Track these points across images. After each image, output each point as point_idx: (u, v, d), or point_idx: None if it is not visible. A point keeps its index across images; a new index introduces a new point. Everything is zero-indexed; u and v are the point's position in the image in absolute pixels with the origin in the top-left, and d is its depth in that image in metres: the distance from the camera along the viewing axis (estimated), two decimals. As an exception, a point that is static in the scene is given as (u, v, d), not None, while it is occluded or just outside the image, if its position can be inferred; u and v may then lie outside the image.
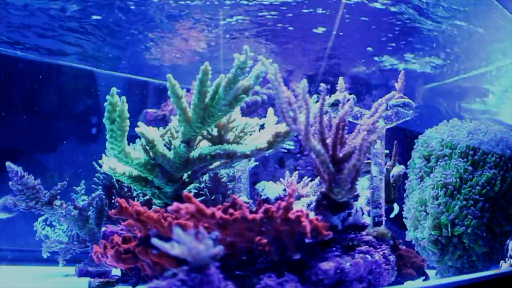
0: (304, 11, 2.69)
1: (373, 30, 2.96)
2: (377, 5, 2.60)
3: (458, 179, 1.85)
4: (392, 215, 1.69)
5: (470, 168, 1.87)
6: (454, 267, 1.88)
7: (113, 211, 1.11)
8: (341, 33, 2.95)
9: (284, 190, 1.58)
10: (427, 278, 1.48)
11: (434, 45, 3.16)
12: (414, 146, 2.14)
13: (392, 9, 2.65)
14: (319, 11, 2.67)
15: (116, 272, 1.75)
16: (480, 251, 1.81)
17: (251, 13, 2.73)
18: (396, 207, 1.76)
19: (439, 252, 1.87)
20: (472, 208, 1.79)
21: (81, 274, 1.86)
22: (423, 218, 1.92)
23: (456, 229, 1.80)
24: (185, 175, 1.41)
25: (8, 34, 2.94)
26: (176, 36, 3.05)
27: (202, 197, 1.83)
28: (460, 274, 1.87)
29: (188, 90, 2.31)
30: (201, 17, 2.78)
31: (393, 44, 3.14)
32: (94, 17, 2.72)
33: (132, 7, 2.65)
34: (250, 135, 1.45)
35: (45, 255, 2.03)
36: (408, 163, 2.14)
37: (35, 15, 2.70)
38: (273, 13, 2.71)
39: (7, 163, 1.77)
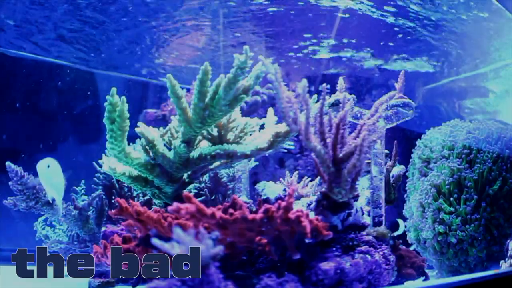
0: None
1: (373, 30, 2.96)
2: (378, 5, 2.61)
3: (451, 180, 1.84)
4: (397, 233, 1.63)
5: (464, 167, 1.86)
6: (454, 266, 1.88)
7: (113, 211, 1.11)
8: (340, 33, 2.95)
9: (284, 190, 1.58)
10: (427, 278, 1.48)
11: (434, 45, 3.16)
12: (416, 147, 2.13)
13: (392, 9, 2.65)
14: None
15: (116, 272, 1.75)
16: (475, 256, 1.80)
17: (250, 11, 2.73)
18: (401, 225, 1.69)
19: (438, 252, 1.87)
20: (465, 206, 1.78)
21: (81, 274, 1.85)
22: (422, 219, 1.91)
23: (452, 235, 1.79)
24: (185, 175, 1.41)
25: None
26: (176, 35, 3.05)
27: (202, 197, 1.83)
28: (459, 274, 1.87)
29: (188, 90, 2.31)
30: (201, 18, 2.78)
31: (393, 44, 3.14)
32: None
33: (131, 7, 2.65)
34: (250, 135, 1.45)
35: (45, 255, 2.03)
36: (409, 165, 2.13)
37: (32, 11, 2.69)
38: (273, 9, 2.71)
39: (7, 163, 1.77)
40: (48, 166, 1.51)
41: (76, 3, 2.55)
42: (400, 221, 1.57)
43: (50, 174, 1.52)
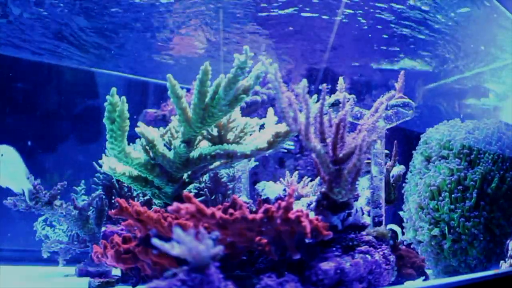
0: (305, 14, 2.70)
1: (373, 30, 2.95)
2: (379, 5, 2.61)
3: (450, 180, 1.84)
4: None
5: (463, 167, 1.86)
6: (453, 266, 1.88)
7: (113, 211, 1.11)
8: (340, 34, 2.95)
9: (284, 190, 1.57)
10: (427, 278, 1.48)
11: (434, 45, 3.16)
12: (417, 146, 2.13)
13: (393, 8, 2.65)
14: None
15: (116, 272, 1.75)
16: (475, 256, 1.80)
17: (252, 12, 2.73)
18: (398, 231, 1.69)
19: (434, 252, 1.87)
20: (463, 205, 1.78)
21: (81, 274, 1.86)
22: (421, 220, 1.91)
23: (448, 238, 1.79)
24: (185, 175, 1.41)
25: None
26: (176, 35, 3.05)
27: (202, 197, 1.83)
28: (458, 274, 1.87)
29: (188, 90, 2.31)
30: (201, 17, 2.78)
31: (393, 43, 3.14)
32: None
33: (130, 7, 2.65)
34: (250, 135, 1.45)
35: (45, 255, 2.03)
36: (410, 163, 2.13)
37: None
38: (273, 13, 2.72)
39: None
40: (2, 155, 1.49)
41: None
42: (395, 226, 1.58)
43: (5, 162, 1.51)
